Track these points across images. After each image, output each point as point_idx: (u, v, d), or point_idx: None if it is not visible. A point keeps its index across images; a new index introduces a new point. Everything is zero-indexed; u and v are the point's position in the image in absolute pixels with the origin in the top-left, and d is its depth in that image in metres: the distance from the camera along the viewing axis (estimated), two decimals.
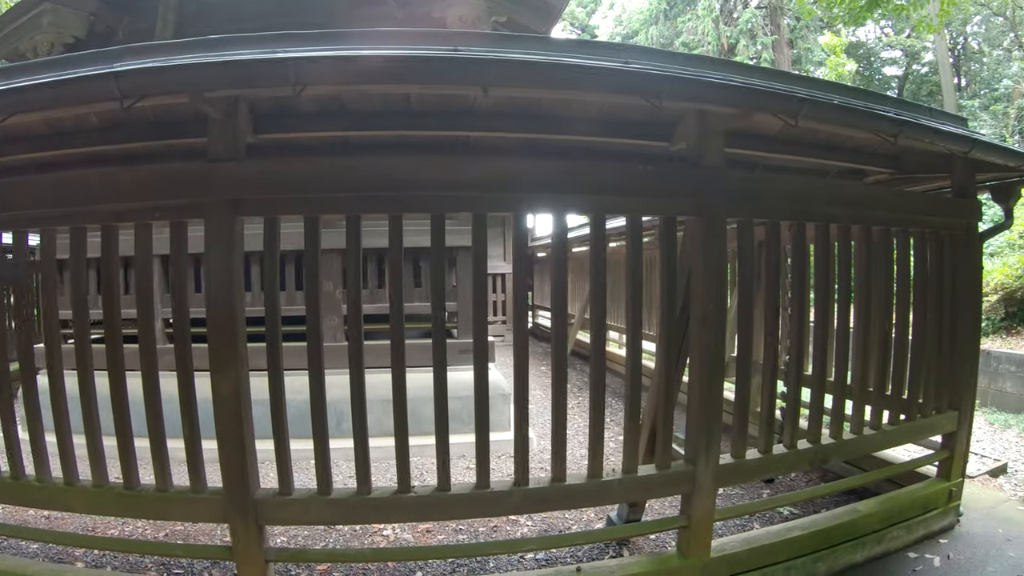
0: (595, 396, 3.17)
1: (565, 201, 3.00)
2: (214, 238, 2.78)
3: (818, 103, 2.95)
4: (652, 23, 31.23)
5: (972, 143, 3.62)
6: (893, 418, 4.26)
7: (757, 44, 27.07)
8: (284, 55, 2.37)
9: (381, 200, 2.87)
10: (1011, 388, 8.53)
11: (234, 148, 2.81)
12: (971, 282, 4.53)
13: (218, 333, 2.79)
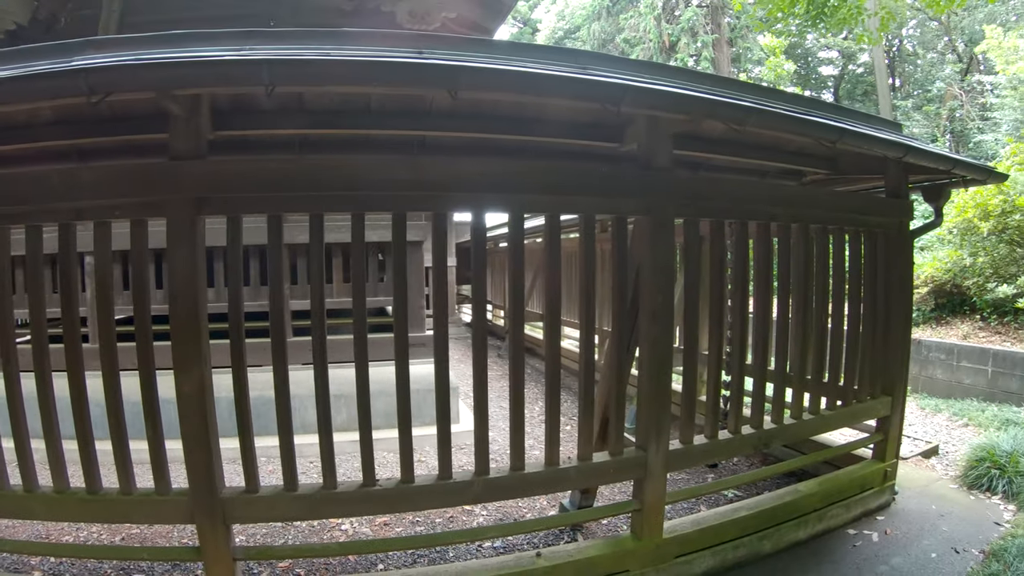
0: (551, 387, 3.30)
1: (523, 201, 3.09)
2: (177, 237, 2.78)
3: (764, 112, 3.13)
4: (594, 19, 31.46)
5: (906, 149, 3.86)
6: (830, 404, 4.51)
7: (698, 42, 27.59)
8: (260, 56, 2.39)
9: (346, 200, 2.91)
10: (941, 375, 9.01)
11: (197, 146, 2.80)
12: (903, 276, 4.83)
13: (182, 332, 2.79)
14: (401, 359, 3.05)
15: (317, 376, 2.97)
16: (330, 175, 2.90)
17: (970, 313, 9.65)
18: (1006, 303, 8.99)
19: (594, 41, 31.87)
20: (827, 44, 30.63)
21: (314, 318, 2.97)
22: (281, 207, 2.93)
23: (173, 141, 2.79)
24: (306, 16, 6.98)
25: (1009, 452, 5.44)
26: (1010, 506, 4.99)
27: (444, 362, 3.10)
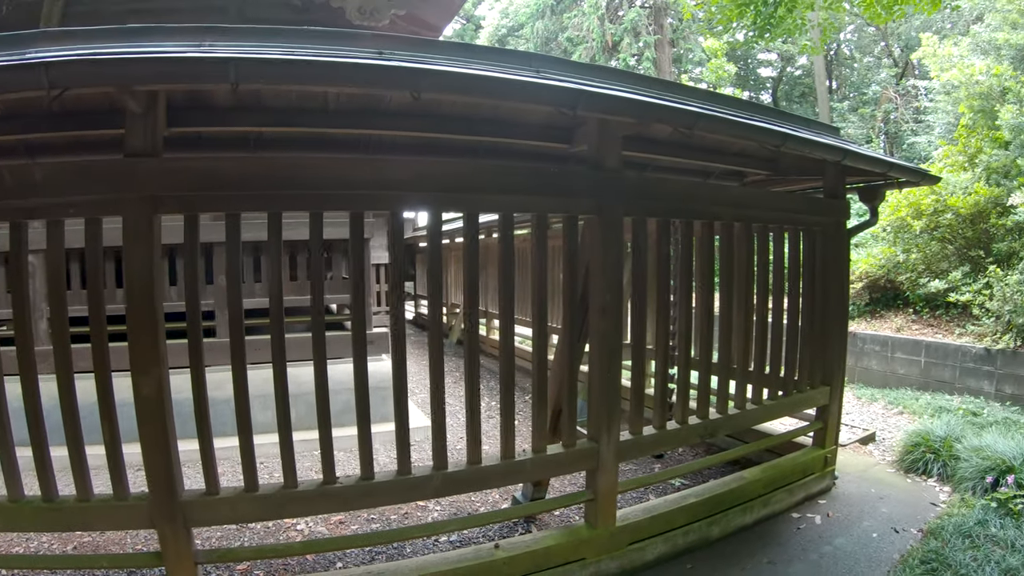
0: (505, 381, 3.39)
1: (480, 200, 3.17)
2: (134, 236, 2.72)
3: (711, 117, 3.29)
4: (538, 17, 31.50)
5: (844, 152, 4.08)
6: (772, 394, 4.73)
7: (640, 42, 27.85)
8: (226, 55, 2.39)
9: (305, 198, 2.93)
10: (876, 366, 9.44)
11: (153, 142, 2.75)
12: (840, 272, 5.10)
13: (139, 332, 2.75)
14: (359, 357, 3.08)
15: (276, 375, 2.98)
16: (289, 173, 2.91)
17: (903, 307, 10.12)
18: (937, 297, 9.46)
19: (537, 39, 32.04)
20: (767, 47, 31.57)
21: (273, 317, 2.97)
22: (240, 205, 2.92)
23: (129, 138, 2.73)
24: (254, 9, 6.85)
25: (943, 437, 5.77)
26: (945, 488, 5.30)
27: (401, 359, 3.16)
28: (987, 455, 5.16)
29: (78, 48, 2.48)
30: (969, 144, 10.04)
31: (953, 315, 9.31)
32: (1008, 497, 4.58)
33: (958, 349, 8.54)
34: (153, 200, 2.73)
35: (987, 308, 8.48)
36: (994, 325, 8.32)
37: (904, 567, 3.91)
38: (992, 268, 8.66)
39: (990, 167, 9.56)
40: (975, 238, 9.42)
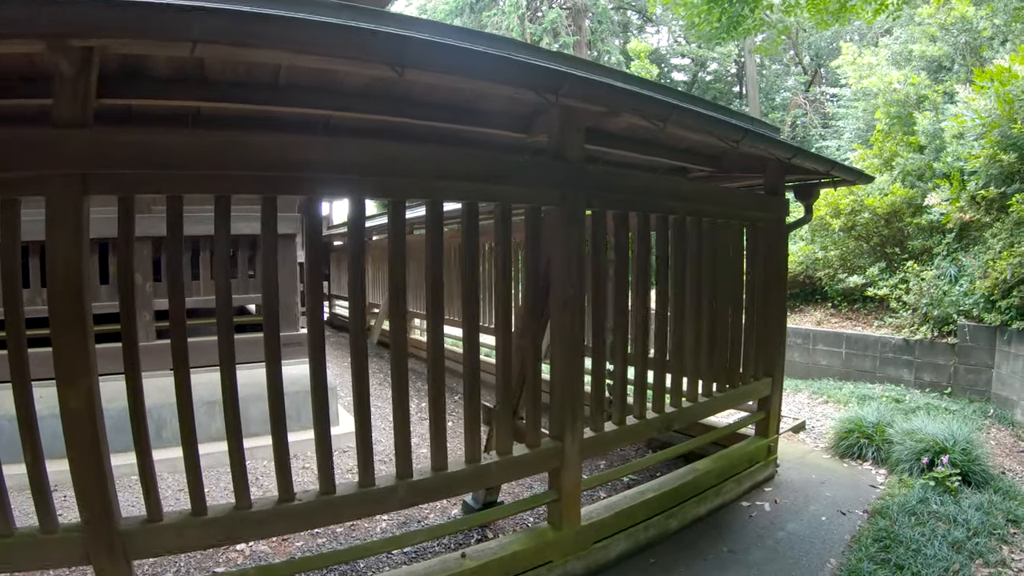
0: (469, 385, 3.25)
1: (443, 188, 2.99)
2: (59, 220, 2.35)
3: (684, 110, 3.27)
4: (457, 15, 31.39)
5: (794, 150, 4.16)
6: (720, 387, 4.78)
7: (559, 42, 28.26)
8: (190, 2, 2.05)
9: (256, 180, 2.65)
10: (798, 358, 9.79)
11: (84, 112, 2.37)
12: (780, 266, 5.23)
13: (64, 336, 2.40)
14: (317, 361, 2.87)
15: (224, 378, 2.69)
16: (238, 153, 2.60)
17: (822, 301, 10.56)
18: (855, 292, 9.94)
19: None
20: (681, 51, 32.65)
21: (220, 315, 2.69)
22: (182, 187, 2.57)
23: (58, 106, 2.34)
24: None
25: (875, 423, 6.05)
26: (881, 470, 5.55)
27: (362, 360, 2.95)
28: (920, 438, 5.44)
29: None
30: (885, 148, 10.61)
31: (871, 308, 9.78)
32: (944, 476, 4.86)
33: (878, 340, 8.97)
34: (83, 179, 2.36)
35: (904, 301, 8.96)
36: (911, 317, 8.79)
37: (858, 546, 4.06)
38: (910, 264, 9.17)
39: (906, 169, 10.13)
40: (891, 236, 9.96)
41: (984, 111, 7.93)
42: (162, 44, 2.27)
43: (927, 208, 9.25)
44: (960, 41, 11.03)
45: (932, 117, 10.07)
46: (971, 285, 8.35)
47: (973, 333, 8.10)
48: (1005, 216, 7.94)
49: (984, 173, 8.40)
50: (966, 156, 8.61)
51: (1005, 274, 7.31)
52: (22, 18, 1.94)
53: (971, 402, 7.85)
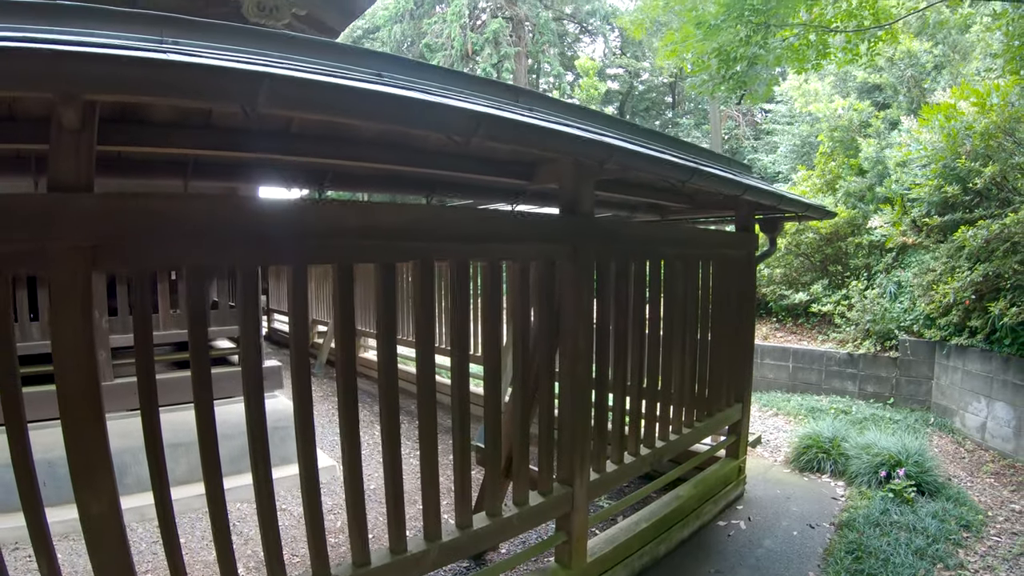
0: (492, 438, 3.32)
1: (469, 251, 3.06)
2: (65, 298, 2.07)
3: (705, 174, 3.46)
4: (397, 21, 31.17)
5: (746, 188, 4.38)
6: (700, 416, 5.03)
7: (500, 52, 28.57)
8: (259, 68, 1.91)
9: (285, 252, 2.57)
10: None
11: (89, 173, 2.10)
12: (750, 297, 5.53)
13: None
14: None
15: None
16: (266, 218, 2.51)
17: (767, 316, 11.08)
18: (799, 308, 10.50)
19: (394, 43, 31.79)
20: (616, 63, 33.39)
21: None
22: (211, 259, 2.46)
23: (57, 166, 2.04)
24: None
25: (831, 438, 6.46)
26: (840, 482, 5.96)
27: (395, 424, 2.97)
28: (875, 451, 5.87)
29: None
30: (827, 169, 11.21)
31: (815, 323, 10.34)
32: (901, 488, 5.31)
33: (823, 354, 9.50)
34: (92, 251, 2.09)
35: (847, 317, 9.52)
36: (854, 332, 9.36)
37: (832, 559, 4.40)
38: (853, 283, 9.74)
39: (848, 191, 10.74)
40: (833, 255, 10.54)
41: (929, 144, 8.50)
42: (224, 106, 2.18)
43: (870, 230, 9.85)
44: (906, 74, 11.74)
45: (875, 144, 10.71)
46: (911, 303, 8.97)
47: (914, 347, 8.71)
48: (946, 241, 8.54)
49: (927, 201, 9.00)
50: (910, 184, 9.20)
51: (948, 298, 7.88)
52: (40, 71, 1.65)
53: (912, 411, 8.47)
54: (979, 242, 7.50)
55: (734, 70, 6.53)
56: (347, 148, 3.37)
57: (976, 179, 8.01)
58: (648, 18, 8.19)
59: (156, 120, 2.84)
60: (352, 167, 3.68)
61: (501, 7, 29.73)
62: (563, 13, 33.41)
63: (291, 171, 3.64)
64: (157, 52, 2.05)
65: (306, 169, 3.68)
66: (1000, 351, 7.24)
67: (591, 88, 20.62)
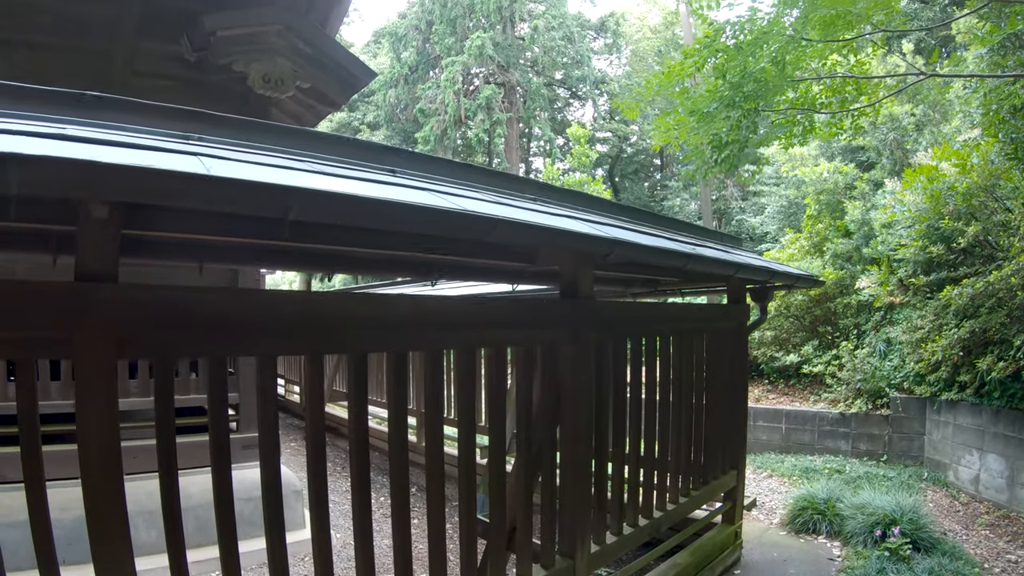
0: (496, 507, 3.41)
1: (479, 338, 3.23)
2: (91, 386, 2.14)
3: (699, 258, 3.69)
4: (391, 85, 32.03)
5: (737, 267, 4.58)
6: (696, 485, 5.12)
7: (493, 118, 29.35)
8: (287, 183, 2.07)
9: (296, 342, 2.71)
10: None
11: (115, 262, 2.17)
12: (742, 365, 5.69)
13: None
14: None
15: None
16: (278, 311, 2.64)
17: (759, 379, 11.24)
18: (790, 369, 10.67)
19: (388, 107, 32.63)
20: (605, 128, 34.31)
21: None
22: (226, 350, 2.67)
23: (85, 256, 2.12)
24: (143, 61, 6.38)
25: (826, 499, 6.55)
26: (836, 542, 6.04)
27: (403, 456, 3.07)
28: (870, 511, 5.95)
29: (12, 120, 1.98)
30: (815, 232, 11.54)
31: (806, 384, 10.50)
32: (897, 546, 5.40)
33: (816, 415, 9.63)
34: (117, 341, 2.15)
35: (839, 377, 9.70)
36: (846, 392, 9.52)
37: None
38: (843, 344, 9.95)
39: (836, 253, 11.04)
40: (823, 316, 10.78)
41: (913, 205, 8.81)
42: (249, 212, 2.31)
43: (858, 290, 10.10)
44: (889, 138, 12.19)
45: (861, 206, 11.07)
46: (901, 361, 9.15)
47: (905, 404, 8.87)
48: (933, 299, 8.78)
49: (913, 261, 9.28)
50: (896, 245, 9.49)
51: (936, 355, 8.07)
52: (77, 179, 1.72)
53: (906, 467, 8.58)
54: (964, 300, 7.73)
55: (726, 154, 6.85)
56: (353, 235, 3.53)
57: (960, 238, 8.29)
58: (644, 100, 8.58)
59: (176, 207, 2.99)
60: (357, 252, 3.85)
61: (494, 73, 30.59)
62: (553, 79, 34.42)
63: (298, 255, 3.80)
64: (186, 150, 2.27)
65: (312, 253, 3.84)
66: (990, 404, 7.42)
67: (582, 156, 21.21)
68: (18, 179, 1.63)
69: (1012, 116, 7.47)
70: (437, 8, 31.28)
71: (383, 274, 4.75)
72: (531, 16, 31.46)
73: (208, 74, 6.52)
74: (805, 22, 6.07)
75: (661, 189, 31.50)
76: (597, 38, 35.84)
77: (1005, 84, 7.37)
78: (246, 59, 6.41)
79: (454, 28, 30.83)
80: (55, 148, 1.78)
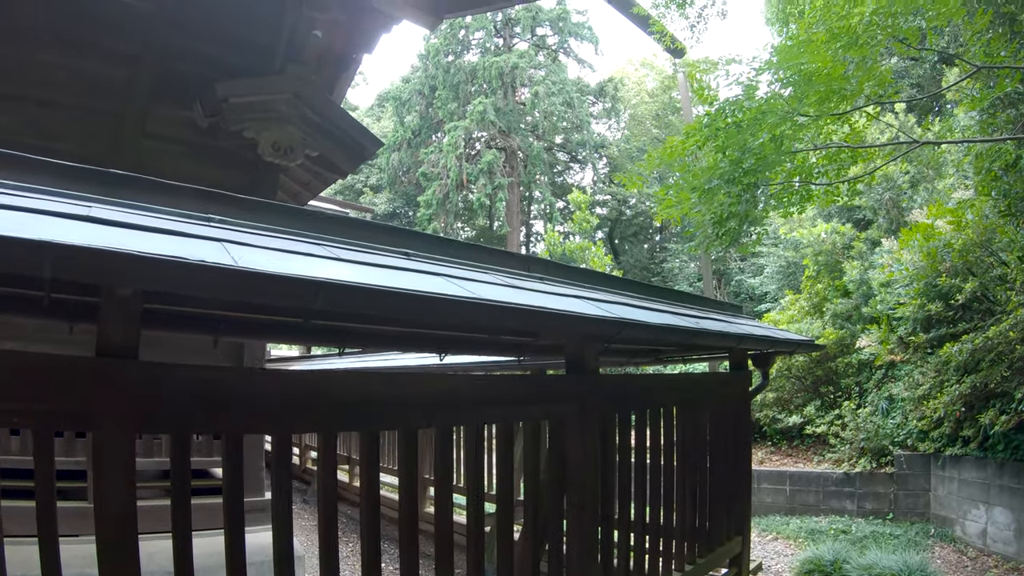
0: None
1: (487, 413, 3.31)
2: (107, 458, 2.14)
3: (702, 332, 3.82)
4: (395, 149, 32.79)
5: (740, 338, 4.70)
6: (702, 551, 5.10)
7: (495, 183, 29.90)
8: (312, 277, 2.13)
9: (315, 419, 2.78)
10: None
11: (136, 340, 2.23)
12: (746, 430, 5.74)
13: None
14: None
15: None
16: (299, 390, 2.73)
17: (762, 440, 11.23)
18: (793, 430, 10.67)
19: (391, 170, 33.27)
20: (605, 191, 34.88)
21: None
22: (245, 427, 2.73)
23: (106, 333, 2.16)
24: (155, 125, 6.41)
25: (832, 561, 6.52)
26: None
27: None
28: (878, 572, 5.92)
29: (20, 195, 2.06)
30: (814, 292, 11.68)
31: (809, 444, 10.49)
32: None
33: (820, 475, 9.59)
34: (135, 417, 2.19)
35: (842, 437, 9.69)
36: (849, 451, 9.51)
37: None
38: (845, 403, 9.98)
39: (836, 313, 11.17)
40: (824, 376, 10.83)
41: (910, 263, 8.96)
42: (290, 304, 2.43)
43: (858, 349, 10.18)
44: (884, 197, 12.46)
45: (859, 266, 11.26)
46: (904, 418, 9.16)
47: (909, 461, 8.85)
48: (933, 354, 8.85)
49: (912, 319, 9.39)
50: (895, 304, 9.62)
51: (939, 412, 8.09)
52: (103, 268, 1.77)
53: (913, 524, 8.51)
54: (965, 355, 7.80)
55: (727, 228, 7.05)
56: (368, 314, 3.67)
57: (958, 295, 8.41)
58: (645, 173, 8.84)
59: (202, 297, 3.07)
60: (370, 328, 3.97)
61: (495, 138, 31.23)
62: (554, 143, 35.15)
63: (314, 331, 3.92)
64: (209, 235, 2.34)
65: (328, 330, 3.96)
66: (994, 457, 7.41)
67: (583, 221, 21.61)
68: (53, 266, 1.69)
69: (1004, 173, 7.66)
70: (440, 73, 32.14)
71: (394, 349, 4.86)
72: (532, 82, 32.35)
73: (219, 140, 6.59)
74: (801, 99, 6.31)
75: (660, 251, 31.91)
76: (596, 103, 36.77)
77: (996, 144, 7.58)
78: (257, 127, 6.45)
79: (456, 93, 31.68)
80: (88, 234, 1.85)
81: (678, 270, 26.85)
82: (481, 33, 33.73)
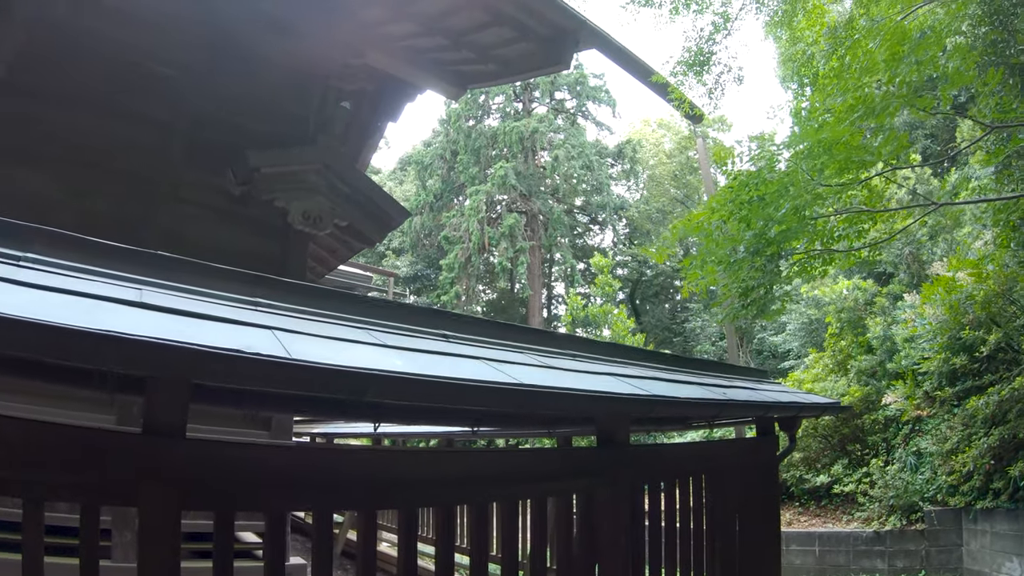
0: None
1: (522, 490, 3.38)
2: (153, 534, 2.15)
3: (730, 404, 3.94)
4: (417, 213, 32.94)
5: (767, 407, 4.75)
6: None
7: (516, 247, 30.07)
8: (365, 369, 2.23)
9: (352, 497, 2.85)
10: None
11: (183, 420, 2.26)
12: (775, 498, 5.70)
13: None
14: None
15: None
16: (337, 467, 2.79)
17: (789, 501, 11.06)
18: (821, 490, 10.52)
19: (414, 234, 33.61)
20: (626, 252, 35.04)
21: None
22: (286, 505, 2.87)
23: (153, 410, 2.23)
24: (188, 191, 6.58)
25: None
26: None
27: None
28: None
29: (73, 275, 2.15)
30: (838, 349, 11.64)
31: (838, 503, 10.31)
32: None
33: (849, 535, 9.41)
34: (181, 494, 2.23)
35: (870, 495, 9.54)
36: (879, 509, 9.35)
37: None
38: (873, 460, 9.85)
39: (860, 370, 11.11)
40: (851, 433, 10.71)
41: (933, 318, 8.95)
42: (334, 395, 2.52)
43: (884, 406, 10.09)
44: (904, 252, 12.49)
45: (882, 321, 11.23)
46: (932, 473, 9.02)
47: (940, 517, 8.68)
48: (959, 409, 8.75)
49: (937, 373, 9.33)
50: (919, 359, 9.56)
51: (968, 465, 7.98)
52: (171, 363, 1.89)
53: None
54: (991, 408, 7.72)
55: (753, 298, 7.15)
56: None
57: (982, 347, 8.36)
58: (670, 245, 9.00)
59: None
60: (408, 405, 4.06)
61: (516, 201, 31.55)
62: (574, 206, 35.43)
63: (350, 407, 4.02)
64: (259, 322, 2.44)
65: (364, 404, 4.06)
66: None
67: (606, 285, 21.75)
68: (111, 357, 1.79)
69: (1023, 223, 7.71)
70: (461, 138, 32.64)
71: (430, 423, 4.95)
72: (551, 146, 32.77)
73: (250, 207, 6.77)
74: (821, 170, 6.46)
75: (682, 311, 31.80)
76: (615, 164, 37.29)
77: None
78: (287, 196, 6.73)
79: (478, 157, 32.12)
80: (144, 323, 1.94)
81: (700, 329, 26.74)
82: (501, 98, 34.41)
